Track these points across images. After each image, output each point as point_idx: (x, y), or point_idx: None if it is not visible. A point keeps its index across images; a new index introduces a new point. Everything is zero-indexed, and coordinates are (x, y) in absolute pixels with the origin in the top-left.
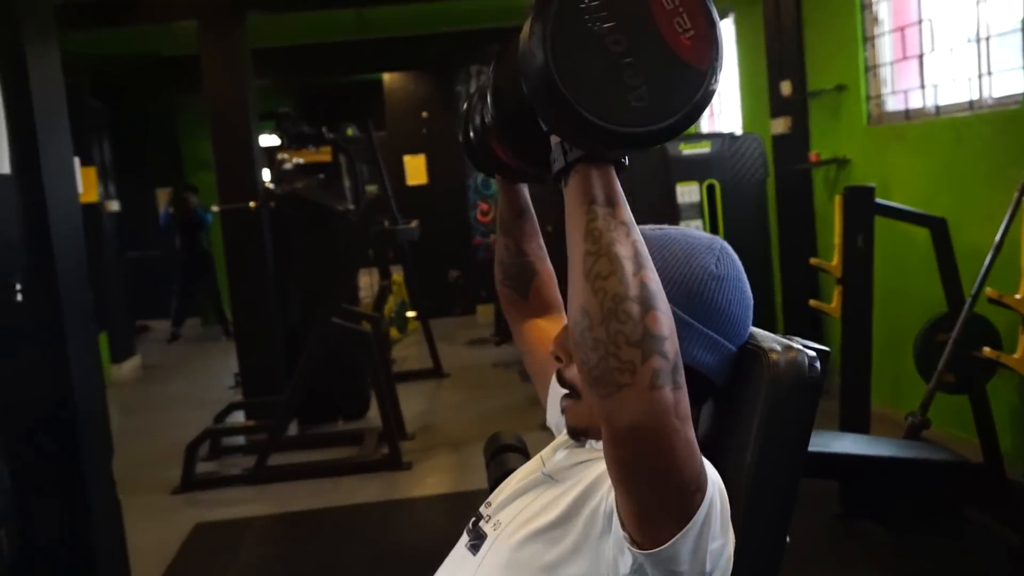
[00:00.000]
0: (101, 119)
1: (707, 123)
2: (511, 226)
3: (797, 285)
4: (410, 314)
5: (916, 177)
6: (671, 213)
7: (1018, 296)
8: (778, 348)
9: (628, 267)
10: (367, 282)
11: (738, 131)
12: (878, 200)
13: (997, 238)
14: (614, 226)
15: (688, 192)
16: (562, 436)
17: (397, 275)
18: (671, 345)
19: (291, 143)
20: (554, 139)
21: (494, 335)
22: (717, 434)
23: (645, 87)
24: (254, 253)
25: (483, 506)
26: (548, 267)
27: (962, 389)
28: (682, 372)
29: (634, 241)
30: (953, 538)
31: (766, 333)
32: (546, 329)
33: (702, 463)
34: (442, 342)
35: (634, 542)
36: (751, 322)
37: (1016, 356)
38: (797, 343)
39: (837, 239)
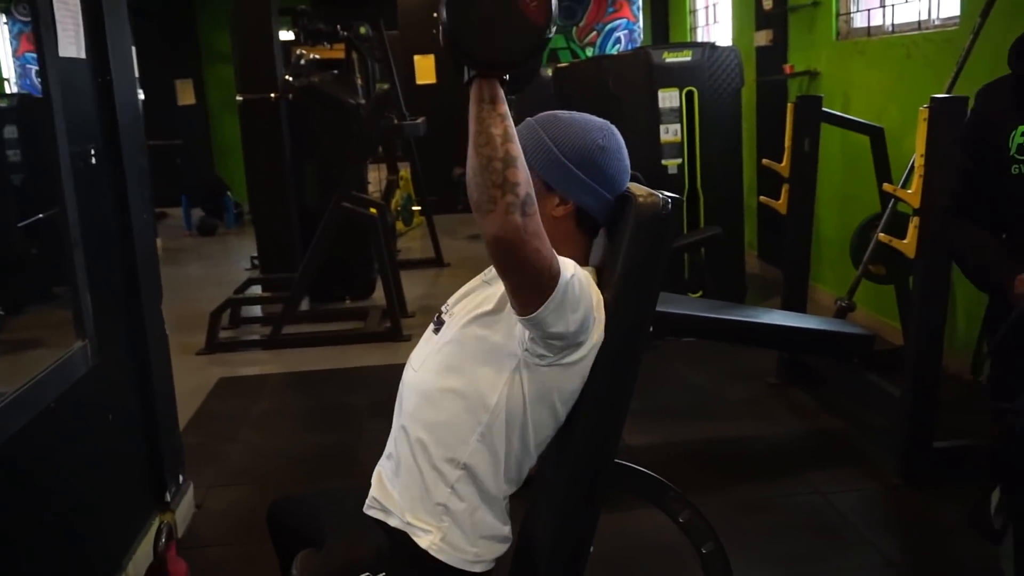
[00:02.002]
0: None
1: (701, 32)
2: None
3: (769, 185)
4: (415, 208)
5: (872, 89)
6: (653, 116)
7: (910, 191)
8: (644, 194)
9: (498, 140)
10: (376, 177)
11: (728, 42)
12: (824, 109)
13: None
14: (493, 115)
15: (669, 98)
16: None
17: (404, 171)
18: (522, 189)
19: (307, 39)
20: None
21: None
22: (607, 252)
23: (506, 36)
24: (272, 141)
25: (443, 306)
26: None
27: (889, 280)
28: (532, 205)
29: (505, 125)
30: (861, 400)
31: (642, 186)
32: None
33: (551, 263)
34: (443, 236)
35: (518, 313)
36: (626, 180)
37: (905, 241)
38: (660, 193)
39: (787, 142)
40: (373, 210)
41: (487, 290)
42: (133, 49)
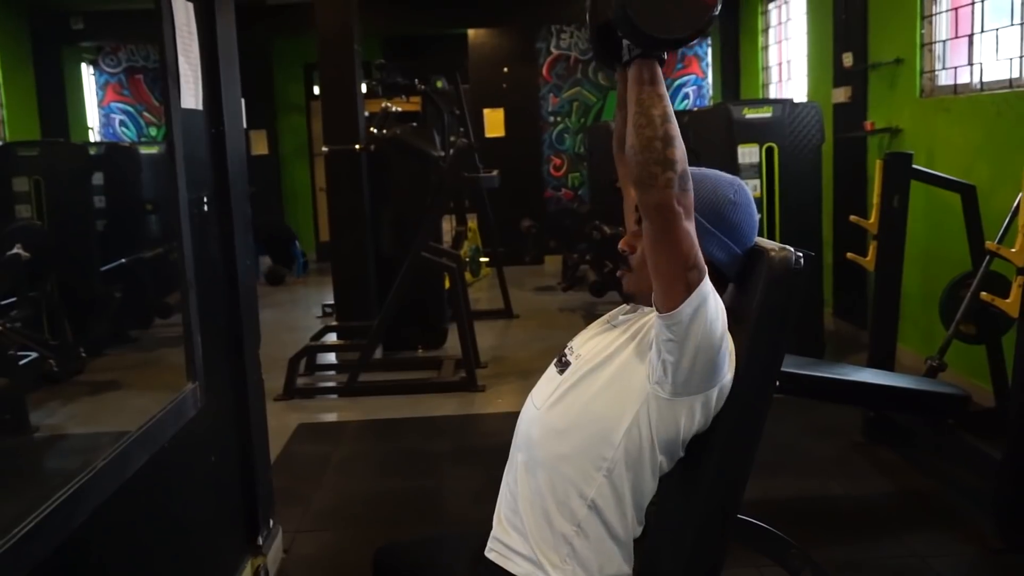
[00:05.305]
0: None
1: (774, 89)
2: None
3: (847, 242)
4: (483, 259)
5: (959, 147)
6: (732, 171)
7: (1014, 249)
8: (776, 249)
9: (657, 120)
10: (445, 228)
11: (803, 98)
12: (915, 166)
13: (1015, 203)
14: (652, 96)
15: (749, 153)
16: (621, 308)
17: (472, 222)
18: (679, 166)
19: (385, 92)
20: (624, 42)
21: (560, 283)
22: (737, 305)
23: (679, 15)
24: (354, 191)
25: (567, 348)
26: None
27: (981, 340)
28: (688, 182)
29: (664, 106)
30: (954, 461)
31: (770, 241)
32: None
33: (698, 251)
34: (512, 287)
35: (663, 309)
36: (755, 235)
37: (1008, 300)
38: (789, 248)
39: (876, 199)
40: (447, 260)
41: (612, 332)
42: (243, 101)
